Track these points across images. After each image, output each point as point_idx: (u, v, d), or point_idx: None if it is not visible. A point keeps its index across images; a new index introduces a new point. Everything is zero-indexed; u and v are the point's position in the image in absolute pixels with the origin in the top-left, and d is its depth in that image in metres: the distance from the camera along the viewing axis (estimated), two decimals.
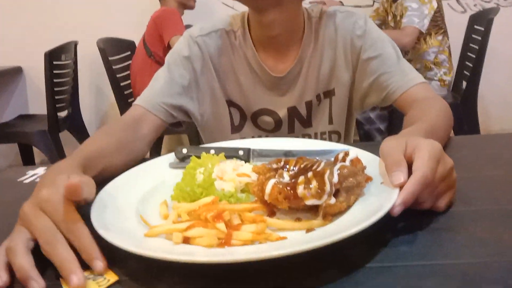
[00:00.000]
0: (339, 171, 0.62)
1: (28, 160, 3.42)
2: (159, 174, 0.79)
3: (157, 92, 1.05)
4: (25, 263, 0.53)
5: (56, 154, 2.90)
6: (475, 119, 2.77)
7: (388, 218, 0.56)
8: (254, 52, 1.09)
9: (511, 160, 0.84)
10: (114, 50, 2.95)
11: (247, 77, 1.11)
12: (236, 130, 1.15)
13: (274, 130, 1.15)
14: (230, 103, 1.14)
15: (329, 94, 1.13)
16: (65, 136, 3.12)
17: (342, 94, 1.12)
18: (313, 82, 1.10)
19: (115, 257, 0.58)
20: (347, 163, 0.66)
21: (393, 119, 2.71)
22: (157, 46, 2.79)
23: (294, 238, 0.56)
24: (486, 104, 3.30)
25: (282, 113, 1.12)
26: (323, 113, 1.14)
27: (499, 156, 0.86)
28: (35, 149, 3.25)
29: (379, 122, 2.79)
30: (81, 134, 3.24)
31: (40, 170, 0.95)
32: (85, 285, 0.51)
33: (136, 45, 3.06)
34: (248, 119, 1.15)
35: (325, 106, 1.14)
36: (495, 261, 0.52)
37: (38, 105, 3.52)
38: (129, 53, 3.09)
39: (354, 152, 0.68)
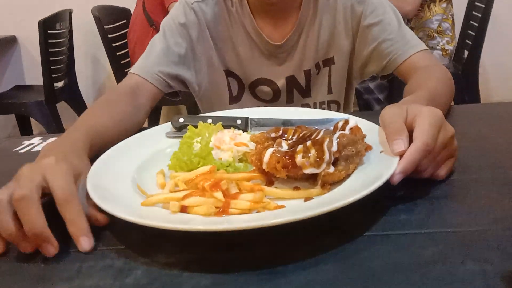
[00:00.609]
0: (338, 140, 0.61)
1: (26, 132, 3.40)
2: (155, 144, 0.78)
3: (153, 61, 1.02)
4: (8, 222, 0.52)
5: (53, 125, 2.89)
6: (476, 89, 2.74)
7: (387, 187, 0.55)
8: (252, 20, 1.06)
9: (511, 128, 0.84)
10: (110, 19, 2.88)
11: (245, 46, 1.08)
12: (235, 100, 1.14)
13: (273, 100, 1.13)
14: (228, 73, 1.11)
15: (328, 62, 1.10)
16: (62, 107, 3.09)
17: (342, 62, 1.10)
18: (312, 50, 1.08)
19: (111, 226, 0.58)
20: (347, 131, 0.65)
21: (392, 89, 2.68)
22: (158, 14, 2.67)
23: (292, 207, 0.56)
24: (487, 74, 3.26)
25: (281, 83, 1.10)
26: (322, 82, 1.12)
27: (499, 125, 0.85)
28: (32, 121, 3.23)
29: (378, 92, 2.76)
30: (78, 104, 3.21)
31: (36, 140, 0.94)
32: None
33: (132, 13, 2.99)
34: (246, 89, 1.13)
35: (324, 75, 1.12)
36: (495, 229, 0.52)
37: (34, 75, 3.47)
38: (125, 21, 3.02)
39: (354, 120, 0.67)
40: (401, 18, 1.05)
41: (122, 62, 2.90)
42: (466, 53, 2.72)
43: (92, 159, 0.69)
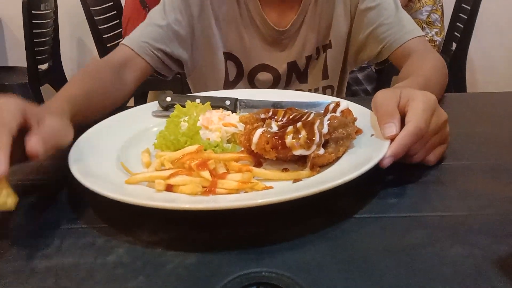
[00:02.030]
0: (329, 122, 0.60)
1: None
2: (141, 122, 0.76)
3: (149, 35, 0.97)
4: None
5: None
6: (463, 82, 2.75)
7: (377, 171, 0.55)
8: (258, 4, 1.03)
9: (501, 117, 0.83)
10: (96, 0, 2.82)
11: (249, 30, 1.05)
12: (230, 86, 1.10)
13: (271, 87, 1.10)
14: (228, 56, 1.07)
15: (325, 47, 1.09)
16: (46, 90, 3.03)
17: (339, 46, 1.08)
18: (313, 35, 1.06)
19: (93, 204, 0.56)
20: (338, 114, 0.64)
21: (380, 80, 2.68)
22: None
23: (281, 188, 0.55)
24: (473, 66, 3.28)
25: (282, 69, 1.07)
26: (319, 67, 1.10)
27: (487, 114, 0.85)
28: None
29: (367, 83, 2.75)
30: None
31: None
32: None
33: None
34: (245, 76, 1.09)
35: (321, 60, 1.10)
36: (484, 213, 0.51)
37: (17, 57, 3.38)
38: (111, 3, 2.96)
39: (345, 103, 0.66)
40: (399, 2, 1.03)
41: (108, 45, 2.84)
42: (454, 45, 2.73)
43: (77, 132, 0.66)
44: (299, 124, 0.60)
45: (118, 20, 2.88)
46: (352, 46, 1.08)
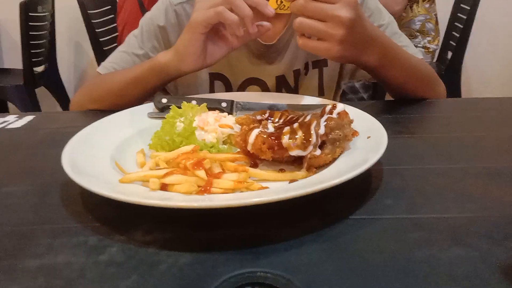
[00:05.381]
0: (326, 123, 0.60)
1: None
2: (136, 123, 0.75)
3: (126, 66, 0.98)
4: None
5: (32, 109, 2.81)
6: (458, 91, 2.77)
7: (374, 172, 0.54)
8: None
9: (496, 122, 0.83)
10: (94, 4, 2.81)
11: None
12: None
13: None
14: (215, 76, 1.05)
15: (318, 63, 1.06)
16: (42, 92, 3.02)
17: (335, 64, 1.06)
18: (303, 50, 1.04)
19: (86, 203, 0.55)
20: (334, 115, 0.63)
21: (377, 89, 2.69)
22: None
23: (277, 188, 0.54)
24: (469, 76, 3.30)
25: (271, 82, 1.05)
26: (311, 83, 1.07)
27: (485, 118, 0.85)
28: (10, 105, 3.14)
29: (363, 91, 2.76)
30: (58, 90, 3.13)
31: (11, 118, 0.90)
32: None
33: None
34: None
35: (313, 76, 1.07)
36: (481, 216, 0.51)
37: (13, 59, 3.36)
38: (109, 7, 2.95)
39: (342, 105, 0.66)
40: (396, 24, 1.02)
41: (105, 48, 2.83)
42: (449, 54, 2.75)
43: (72, 132, 0.66)
44: (295, 125, 0.60)
45: (115, 24, 2.87)
46: (347, 65, 1.06)
